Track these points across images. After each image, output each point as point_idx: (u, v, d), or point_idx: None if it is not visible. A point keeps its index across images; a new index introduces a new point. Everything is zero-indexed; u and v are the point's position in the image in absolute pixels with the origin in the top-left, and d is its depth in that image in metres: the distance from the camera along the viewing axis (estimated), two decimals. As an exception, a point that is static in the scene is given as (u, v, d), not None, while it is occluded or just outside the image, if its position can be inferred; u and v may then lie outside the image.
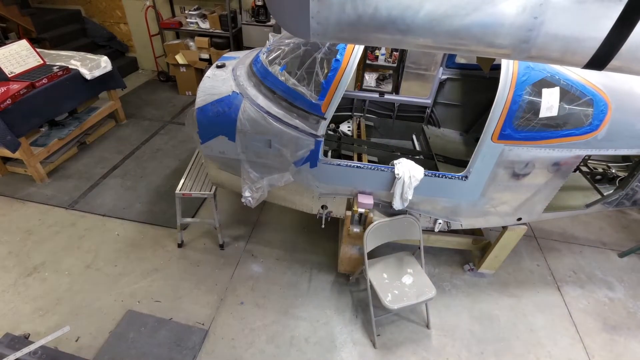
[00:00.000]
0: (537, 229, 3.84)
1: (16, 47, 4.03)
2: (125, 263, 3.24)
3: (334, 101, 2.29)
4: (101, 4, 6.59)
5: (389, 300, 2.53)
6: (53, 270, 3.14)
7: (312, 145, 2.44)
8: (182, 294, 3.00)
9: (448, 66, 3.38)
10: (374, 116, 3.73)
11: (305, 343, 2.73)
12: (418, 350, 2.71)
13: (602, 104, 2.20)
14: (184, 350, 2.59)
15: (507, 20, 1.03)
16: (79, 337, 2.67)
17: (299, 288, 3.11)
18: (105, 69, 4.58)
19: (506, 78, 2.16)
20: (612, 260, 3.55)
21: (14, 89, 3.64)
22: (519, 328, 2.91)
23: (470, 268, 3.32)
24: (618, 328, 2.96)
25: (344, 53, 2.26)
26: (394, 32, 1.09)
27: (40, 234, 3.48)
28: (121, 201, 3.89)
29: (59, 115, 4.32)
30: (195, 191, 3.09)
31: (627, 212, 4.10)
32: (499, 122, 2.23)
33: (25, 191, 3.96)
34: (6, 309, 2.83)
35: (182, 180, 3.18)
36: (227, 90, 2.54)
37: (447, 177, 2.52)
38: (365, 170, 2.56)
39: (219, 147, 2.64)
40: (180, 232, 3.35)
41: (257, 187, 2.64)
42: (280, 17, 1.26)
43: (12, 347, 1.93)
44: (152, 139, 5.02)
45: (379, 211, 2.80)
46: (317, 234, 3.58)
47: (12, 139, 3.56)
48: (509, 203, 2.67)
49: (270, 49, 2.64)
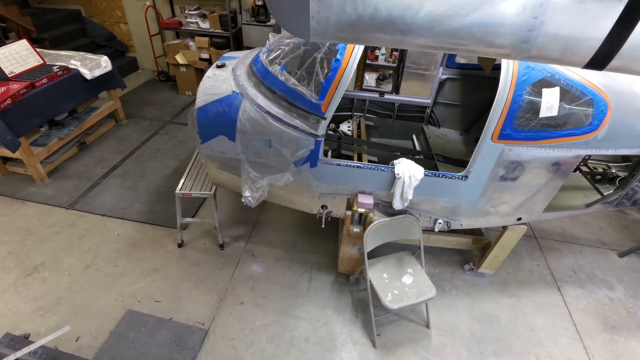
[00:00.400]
0: (537, 229, 3.84)
1: (16, 47, 4.03)
2: (125, 263, 3.24)
3: (334, 101, 2.29)
4: (101, 4, 6.59)
5: (389, 300, 2.53)
6: (53, 270, 3.14)
7: (312, 145, 2.44)
8: (182, 294, 3.00)
9: (448, 66, 3.38)
10: (374, 116, 3.73)
11: (305, 343, 2.73)
12: (418, 350, 2.71)
13: (602, 103, 2.19)
14: (184, 350, 2.59)
15: (507, 20, 1.03)
16: (79, 337, 2.67)
17: (299, 288, 3.11)
18: (105, 68, 4.58)
19: (506, 78, 2.16)
20: (612, 260, 3.54)
21: (14, 88, 3.64)
22: (519, 328, 2.91)
23: (470, 268, 3.32)
24: (618, 328, 2.96)
25: (344, 53, 2.26)
26: (394, 32, 1.09)
27: (40, 234, 3.48)
28: (121, 201, 3.89)
29: (59, 115, 4.32)
30: (195, 191, 3.09)
31: (627, 212, 4.10)
32: (499, 122, 2.23)
33: (25, 191, 3.96)
34: (6, 309, 2.83)
35: (182, 180, 3.18)
36: (227, 90, 2.54)
37: (447, 177, 2.52)
38: (365, 170, 2.56)
39: (219, 147, 2.64)
40: (180, 232, 3.35)
41: (257, 187, 2.64)
42: (280, 17, 1.26)
43: (12, 347, 1.93)
44: (152, 139, 5.02)
45: (379, 211, 2.80)
46: (317, 234, 3.58)
47: (12, 138, 3.56)
48: (509, 203, 2.67)
49: (270, 48, 2.64)
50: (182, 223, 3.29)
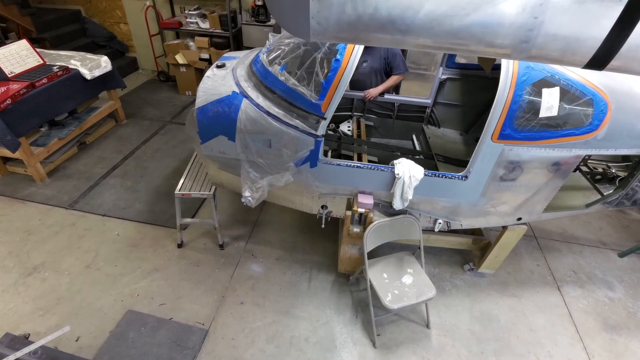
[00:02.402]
0: (537, 229, 3.84)
1: (16, 47, 4.03)
2: (125, 263, 3.24)
3: (334, 101, 2.29)
4: (101, 4, 6.59)
5: (388, 300, 2.53)
6: (53, 270, 3.14)
7: (312, 145, 2.44)
8: (182, 294, 3.00)
9: (448, 66, 3.38)
10: (374, 116, 3.73)
11: (305, 343, 2.73)
12: (418, 350, 2.71)
13: (602, 103, 2.19)
14: (184, 350, 2.59)
15: (507, 20, 1.03)
16: (79, 337, 2.67)
17: (299, 288, 3.11)
18: (105, 68, 4.58)
19: (506, 78, 2.16)
20: (612, 260, 3.54)
21: (14, 88, 3.63)
22: (519, 328, 2.91)
23: (470, 268, 3.32)
24: (618, 328, 2.96)
25: (344, 53, 2.26)
26: (394, 32, 1.09)
27: (40, 234, 3.48)
28: (121, 201, 3.89)
29: (59, 115, 4.32)
30: (194, 191, 3.08)
31: (627, 212, 4.10)
32: (499, 122, 2.23)
33: (25, 191, 3.96)
34: (6, 309, 2.83)
35: (181, 180, 3.18)
36: (227, 90, 2.53)
37: (447, 177, 2.52)
38: (365, 170, 2.56)
39: (219, 147, 2.64)
40: (180, 233, 3.35)
41: (257, 187, 2.64)
42: (280, 17, 1.25)
43: (12, 347, 1.93)
44: (152, 138, 5.02)
45: (379, 211, 2.80)
46: (317, 234, 3.58)
47: (12, 139, 3.56)
48: (509, 203, 2.67)
49: (270, 48, 2.64)
50: (182, 223, 3.29)
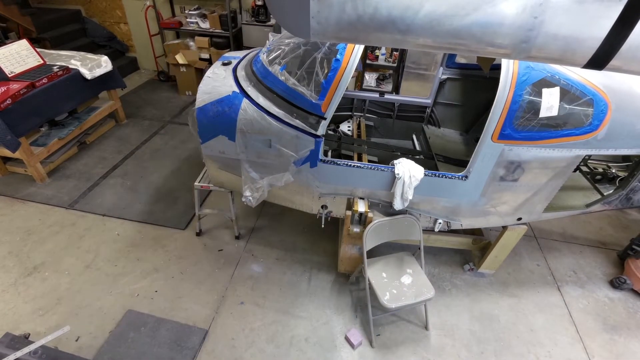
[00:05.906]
0: (537, 229, 3.84)
1: (16, 46, 4.03)
2: (125, 263, 3.24)
3: (334, 101, 2.29)
4: (101, 4, 6.59)
5: (386, 299, 2.53)
6: (53, 270, 3.14)
7: (312, 145, 2.44)
8: (182, 294, 3.00)
9: (448, 66, 3.38)
10: (374, 116, 3.73)
11: (305, 343, 2.73)
12: (418, 350, 2.71)
13: (602, 103, 2.19)
14: (184, 350, 2.59)
15: (507, 20, 1.03)
16: (79, 337, 2.67)
17: (299, 288, 3.11)
18: (105, 68, 4.58)
19: (506, 78, 2.16)
20: (612, 260, 3.54)
21: (14, 88, 3.63)
22: (519, 328, 2.91)
23: (470, 268, 3.32)
24: (618, 328, 2.95)
25: (344, 53, 2.26)
26: (394, 32, 1.09)
27: (40, 234, 3.48)
28: (121, 201, 3.89)
29: (59, 115, 4.32)
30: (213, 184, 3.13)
31: (627, 212, 4.10)
32: (499, 122, 2.23)
33: (25, 191, 3.96)
34: (6, 309, 2.83)
35: (202, 173, 3.27)
36: (227, 90, 2.54)
37: (447, 177, 2.52)
38: (365, 170, 2.56)
39: (219, 147, 2.64)
40: (198, 222, 3.46)
41: (257, 187, 2.64)
42: (280, 16, 1.26)
43: (12, 347, 1.93)
44: (152, 138, 5.02)
45: (378, 211, 2.80)
46: (317, 234, 3.58)
47: (12, 138, 3.56)
48: (509, 203, 2.67)
49: (270, 48, 2.64)
50: (200, 213, 3.45)
